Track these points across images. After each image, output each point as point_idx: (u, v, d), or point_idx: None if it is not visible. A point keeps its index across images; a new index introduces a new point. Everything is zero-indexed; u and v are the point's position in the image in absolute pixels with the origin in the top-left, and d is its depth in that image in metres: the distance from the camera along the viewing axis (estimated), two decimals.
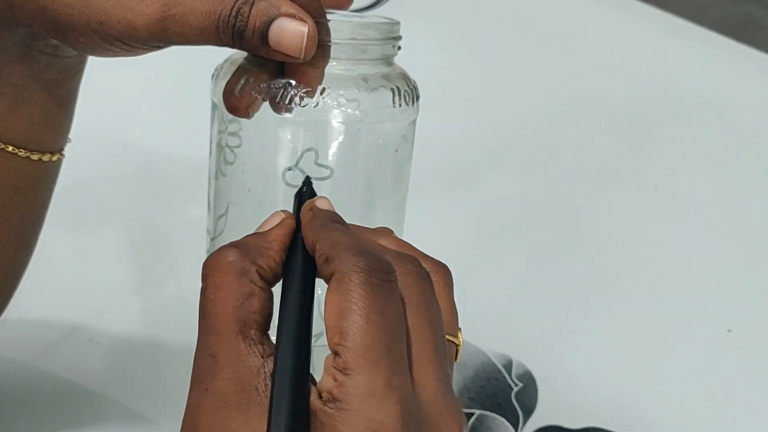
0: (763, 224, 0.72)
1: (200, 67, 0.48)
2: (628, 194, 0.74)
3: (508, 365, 0.57)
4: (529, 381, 0.56)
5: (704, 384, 0.57)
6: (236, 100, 0.40)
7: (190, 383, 0.31)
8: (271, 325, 0.32)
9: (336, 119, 0.43)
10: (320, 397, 0.29)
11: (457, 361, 0.35)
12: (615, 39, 0.96)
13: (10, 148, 0.41)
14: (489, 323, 0.59)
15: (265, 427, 0.29)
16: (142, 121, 0.76)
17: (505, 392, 0.55)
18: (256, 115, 0.41)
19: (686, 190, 0.75)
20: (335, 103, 0.43)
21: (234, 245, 0.33)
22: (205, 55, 0.44)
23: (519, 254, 0.66)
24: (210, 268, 0.32)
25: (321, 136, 0.44)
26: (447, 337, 0.33)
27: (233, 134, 0.45)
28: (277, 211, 0.35)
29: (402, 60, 0.47)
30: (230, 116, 0.43)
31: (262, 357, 0.30)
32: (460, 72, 0.89)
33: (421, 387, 0.31)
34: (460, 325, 0.57)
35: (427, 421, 0.30)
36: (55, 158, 0.43)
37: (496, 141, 0.79)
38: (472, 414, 0.53)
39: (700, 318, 0.62)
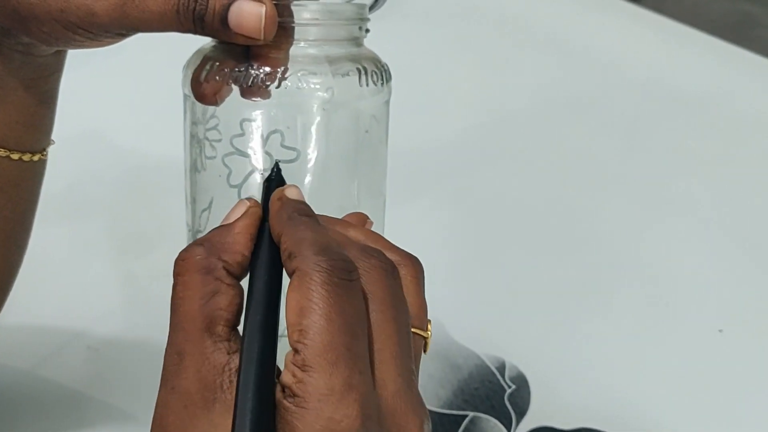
0: (756, 225, 0.73)
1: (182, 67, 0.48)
2: (620, 197, 0.75)
3: (502, 367, 0.57)
4: (522, 383, 0.56)
5: (696, 384, 0.58)
6: (202, 87, 0.41)
7: (160, 381, 0.31)
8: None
9: (301, 100, 0.43)
10: (282, 391, 0.30)
11: (425, 353, 0.35)
12: (610, 42, 0.96)
13: None
14: (482, 326, 0.60)
15: (229, 423, 0.29)
16: (127, 121, 0.76)
17: (499, 394, 0.55)
18: (230, 107, 0.41)
19: (679, 192, 0.76)
20: (299, 83, 0.42)
21: (200, 243, 0.33)
22: (187, 55, 0.44)
23: (512, 257, 0.67)
24: (179, 267, 0.32)
25: (287, 117, 0.43)
26: (414, 330, 0.34)
27: (211, 129, 0.44)
28: (242, 200, 0.35)
29: (397, 61, 0.47)
30: (208, 112, 0.43)
31: (228, 353, 0.31)
32: (455, 72, 0.89)
33: (382, 384, 0.31)
34: (458, 330, 0.58)
35: (388, 418, 0.30)
36: (36, 158, 0.43)
37: (492, 141, 0.80)
38: (466, 416, 0.54)
39: (692, 318, 0.63)
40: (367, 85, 0.43)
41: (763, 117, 0.88)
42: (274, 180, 0.36)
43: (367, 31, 0.45)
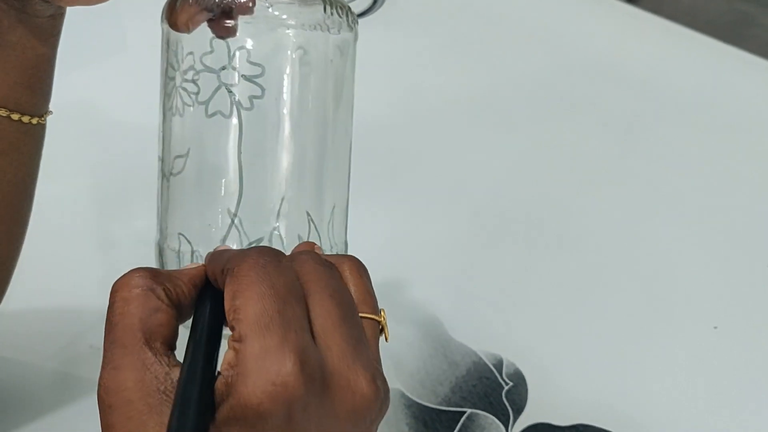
0: (750, 223, 0.73)
1: None
2: (616, 195, 0.75)
3: (499, 365, 0.58)
4: (519, 380, 0.57)
5: (691, 380, 0.58)
6: (175, 15, 0.43)
7: (98, 403, 0.31)
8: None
9: (266, 21, 0.44)
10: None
11: (387, 341, 0.35)
12: (607, 42, 0.97)
13: None
14: (480, 324, 0.60)
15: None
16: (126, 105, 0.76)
17: (496, 391, 0.56)
18: (203, 46, 0.43)
19: (674, 190, 0.76)
20: (265, 5, 0.44)
21: (144, 268, 0.34)
22: None
23: (509, 255, 0.67)
24: (118, 285, 0.33)
25: (253, 38, 0.45)
26: (364, 315, 0.34)
27: (189, 81, 0.46)
28: (194, 262, 0.37)
29: (391, 61, 0.48)
30: (185, 62, 0.44)
31: (168, 366, 0.31)
32: (450, 73, 0.90)
33: (326, 348, 0.31)
34: (456, 327, 0.59)
35: (334, 375, 0.31)
36: (35, 121, 0.44)
37: (487, 140, 0.80)
38: (464, 413, 0.54)
39: (687, 315, 0.63)
40: (332, 14, 0.46)
41: (758, 116, 0.88)
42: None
43: None
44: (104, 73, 0.79)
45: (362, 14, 0.49)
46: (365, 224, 0.66)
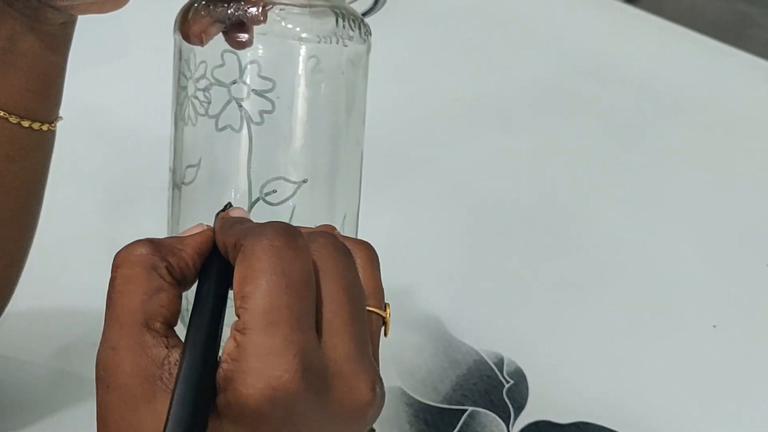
0: (749, 222, 0.73)
1: None
2: (615, 195, 0.75)
3: (500, 363, 0.58)
4: (520, 378, 0.57)
5: (690, 379, 0.58)
6: (188, 26, 0.43)
7: (95, 384, 0.31)
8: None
9: (279, 34, 0.44)
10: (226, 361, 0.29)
11: (386, 336, 0.35)
12: (607, 43, 0.97)
13: (1, 113, 0.42)
14: (481, 322, 0.61)
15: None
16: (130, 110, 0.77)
17: (497, 389, 0.56)
18: (215, 58, 0.43)
19: (673, 190, 0.76)
20: (278, 18, 0.44)
21: (148, 240, 0.32)
22: None
23: (509, 254, 0.68)
24: (120, 260, 0.32)
25: (265, 50, 0.44)
26: (370, 309, 0.33)
27: (201, 90, 0.45)
28: (200, 223, 0.35)
29: (393, 61, 0.48)
30: (198, 71, 0.44)
31: (167, 348, 0.30)
32: (451, 73, 0.90)
33: (332, 347, 0.30)
34: (457, 326, 0.59)
35: (337, 377, 0.30)
36: (45, 128, 0.44)
37: (488, 140, 0.80)
38: (465, 410, 0.55)
39: (687, 314, 0.63)
40: (344, 27, 0.45)
41: (758, 116, 0.88)
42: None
43: None
44: (107, 76, 0.79)
45: (363, 14, 0.49)
46: (367, 224, 0.66)
